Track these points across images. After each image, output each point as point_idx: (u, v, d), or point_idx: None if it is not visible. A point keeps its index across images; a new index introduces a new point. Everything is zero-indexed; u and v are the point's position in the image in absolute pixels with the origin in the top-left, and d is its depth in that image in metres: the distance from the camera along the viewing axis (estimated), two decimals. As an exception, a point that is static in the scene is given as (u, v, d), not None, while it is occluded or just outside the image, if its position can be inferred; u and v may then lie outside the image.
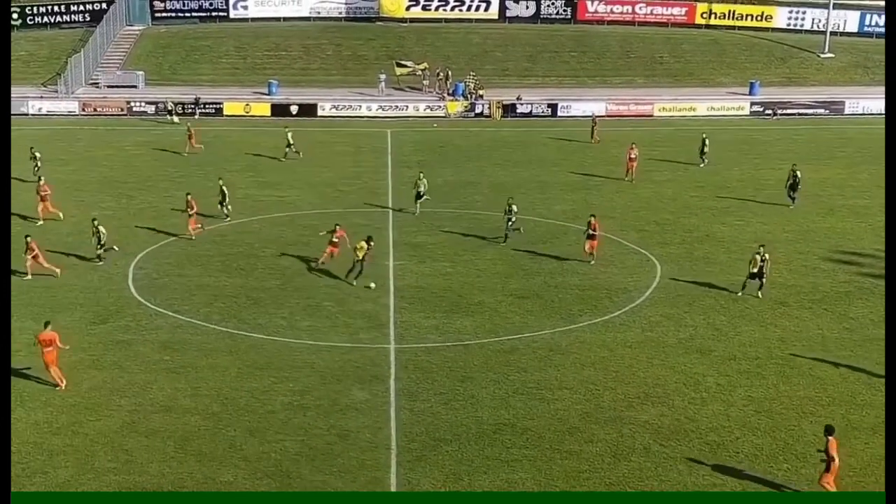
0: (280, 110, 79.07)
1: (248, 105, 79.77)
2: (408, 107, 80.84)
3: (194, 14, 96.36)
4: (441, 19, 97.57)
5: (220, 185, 49.32)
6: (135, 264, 42.83)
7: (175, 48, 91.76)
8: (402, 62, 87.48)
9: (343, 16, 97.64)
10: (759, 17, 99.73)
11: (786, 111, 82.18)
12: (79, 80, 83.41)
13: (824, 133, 75.64)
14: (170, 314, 37.46)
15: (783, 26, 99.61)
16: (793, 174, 53.33)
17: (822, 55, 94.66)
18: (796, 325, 37.36)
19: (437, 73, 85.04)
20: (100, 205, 51.95)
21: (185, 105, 78.15)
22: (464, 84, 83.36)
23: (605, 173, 60.07)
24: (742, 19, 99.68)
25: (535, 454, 27.89)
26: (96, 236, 42.59)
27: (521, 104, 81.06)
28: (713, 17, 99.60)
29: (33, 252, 40.61)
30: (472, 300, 39.47)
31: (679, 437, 28.90)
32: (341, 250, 41.54)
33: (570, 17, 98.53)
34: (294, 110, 79.01)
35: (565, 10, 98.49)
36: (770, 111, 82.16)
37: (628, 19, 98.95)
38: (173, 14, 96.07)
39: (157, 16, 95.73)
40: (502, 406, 30.61)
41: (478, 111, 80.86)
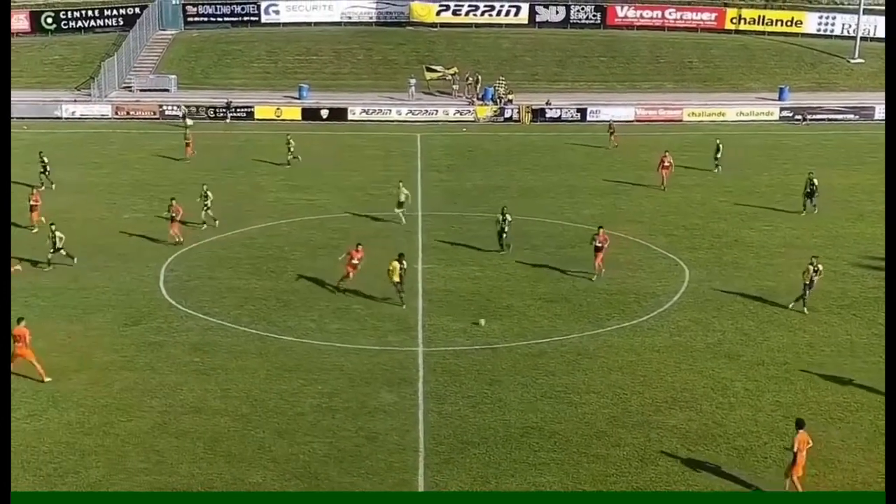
0: (311, 114, 79.44)
1: (278, 109, 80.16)
2: (437, 111, 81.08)
3: (226, 19, 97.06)
4: (471, 24, 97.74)
5: (203, 189, 48.88)
6: (166, 267, 43.18)
7: (207, 52, 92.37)
8: (432, 67, 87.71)
9: (374, 20, 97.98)
10: (788, 23, 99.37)
11: (815, 116, 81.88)
12: (112, 84, 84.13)
13: (854, 138, 75.33)
14: (200, 316, 37.77)
15: (813, 32, 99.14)
16: (810, 182, 52.95)
17: (851, 60, 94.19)
18: (825, 331, 37.29)
19: (467, 78, 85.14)
20: (132, 207, 52.49)
21: (217, 109, 78.72)
22: (493, 88, 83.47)
23: (634, 178, 60.05)
24: (772, 24, 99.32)
25: (562, 458, 27.97)
26: (52, 240, 42.41)
27: (551, 109, 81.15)
28: (743, 22, 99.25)
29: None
30: (501, 304, 39.57)
31: (707, 442, 28.92)
32: (360, 268, 40.37)
33: (599, 22, 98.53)
34: (324, 114, 79.40)
35: (595, 16, 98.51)
36: (799, 116, 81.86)
37: (658, 24, 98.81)
38: (206, 18, 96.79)
39: (190, 20, 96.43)
40: (530, 409, 30.71)
41: (507, 116, 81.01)
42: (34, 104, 78.34)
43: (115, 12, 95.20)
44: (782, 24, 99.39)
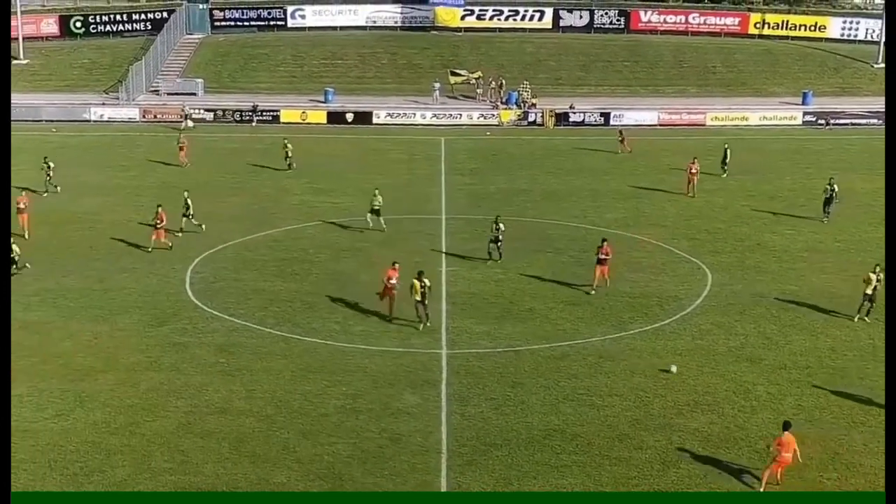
0: (336, 118, 79.79)
1: (304, 113, 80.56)
2: (461, 115, 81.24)
3: (253, 23, 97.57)
4: (495, 29, 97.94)
5: (184, 196, 48.79)
6: (192, 268, 43.54)
7: (234, 56, 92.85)
8: (457, 71, 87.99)
9: (398, 25, 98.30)
10: (812, 28, 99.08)
11: (838, 121, 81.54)
12: (139, 88, 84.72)
13: (877, 143, 74.46)
14: (226, 318, 38.09)
15: (836, 36, 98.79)
16: (830, 188, 52.67)
17: (875, 65, 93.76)
18: (847, 335, 37.32)
19: (491, 82, 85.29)
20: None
21: (243, 112, 79.19)
22: (517, 93, 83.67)
23: (657, 182, 60.09)
24: (795, 29, 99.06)
25: (584, 460, 28.14)
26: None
27: (574, 113, 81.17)
28: (766, 27, 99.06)
29: None
30: (524, 306, 39.75)
31: (728, 445, 29.01)
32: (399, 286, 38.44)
33: (623, 26, 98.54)
34: (350, 118, 79.69)
35: (618, 20, 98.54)
36: (823, 121, 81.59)
37: (681, 29, 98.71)
38: (232, 23, 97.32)
39: (217, 25, 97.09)
40: (552, 412, 30.87)
41: (531, 120, 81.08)
42: (63, 107, 79.17)
43: (143, 17, 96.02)
44: (806, 29, 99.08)
